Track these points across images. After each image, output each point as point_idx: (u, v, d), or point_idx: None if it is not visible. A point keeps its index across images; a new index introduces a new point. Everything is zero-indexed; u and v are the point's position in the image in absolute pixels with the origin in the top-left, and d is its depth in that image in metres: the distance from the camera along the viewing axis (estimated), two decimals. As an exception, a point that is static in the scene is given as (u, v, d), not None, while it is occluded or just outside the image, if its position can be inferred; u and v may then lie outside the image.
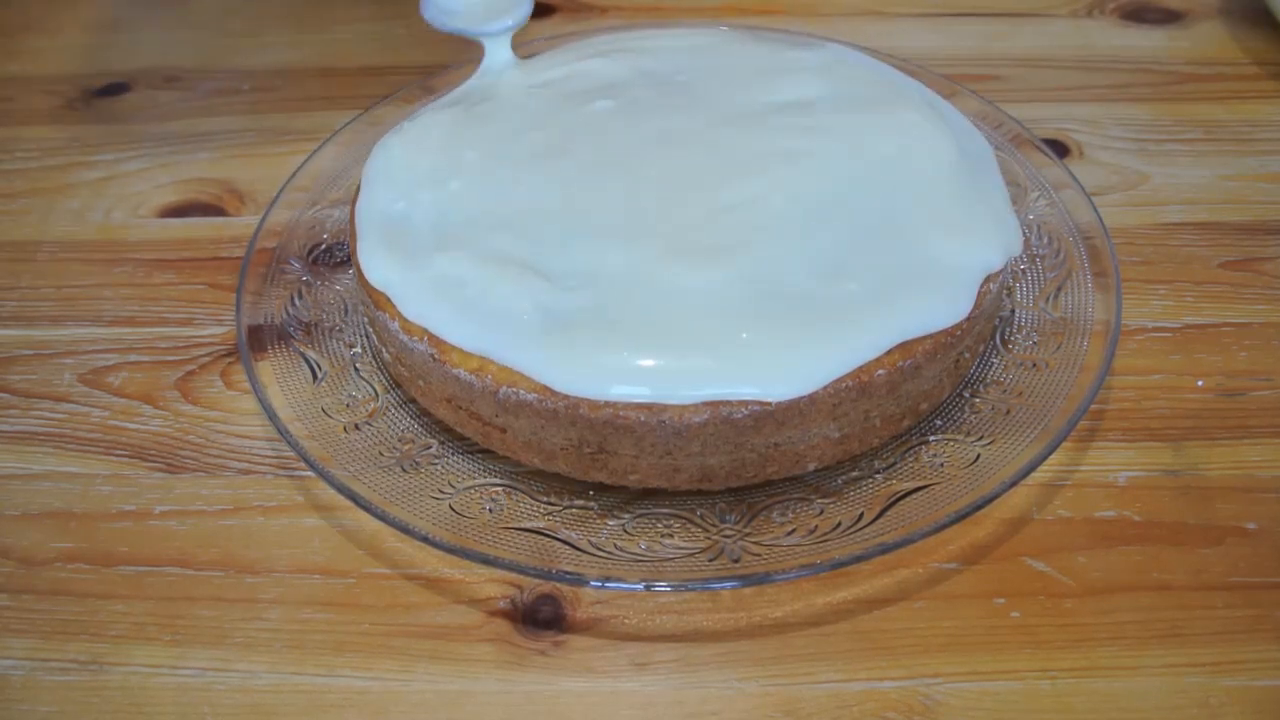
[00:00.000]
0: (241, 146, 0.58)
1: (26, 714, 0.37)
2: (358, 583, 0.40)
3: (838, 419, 0.39)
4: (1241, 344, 0.47)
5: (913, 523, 0.39)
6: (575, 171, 0.44)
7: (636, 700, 0.37)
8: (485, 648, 0.39)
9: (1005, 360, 0.45)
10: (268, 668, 0.38)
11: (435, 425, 0.44)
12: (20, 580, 0.41)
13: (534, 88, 0.49)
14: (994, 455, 0.41)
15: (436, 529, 0.39)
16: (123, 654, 0.39)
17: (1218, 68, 0.61)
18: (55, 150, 0.59)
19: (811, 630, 0.39)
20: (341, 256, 0.50)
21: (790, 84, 0.48)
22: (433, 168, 0.45)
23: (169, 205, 0.56)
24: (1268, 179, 0.54)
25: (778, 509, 0.41)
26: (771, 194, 0.42)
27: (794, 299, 0.39)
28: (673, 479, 0.40)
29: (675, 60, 0.49)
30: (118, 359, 0.48)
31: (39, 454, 0.45)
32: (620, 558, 0.39)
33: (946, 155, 0.44)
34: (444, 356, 0.40)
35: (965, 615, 0.39)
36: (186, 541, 0.42)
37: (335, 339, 0.47)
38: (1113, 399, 0.45)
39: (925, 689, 0.37)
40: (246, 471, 0.44)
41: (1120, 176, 0.55)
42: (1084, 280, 0.47)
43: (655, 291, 0.39)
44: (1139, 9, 0.65)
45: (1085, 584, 0.39)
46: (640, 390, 0.38)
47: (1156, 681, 0.37)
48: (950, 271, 0.41)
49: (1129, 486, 0.42)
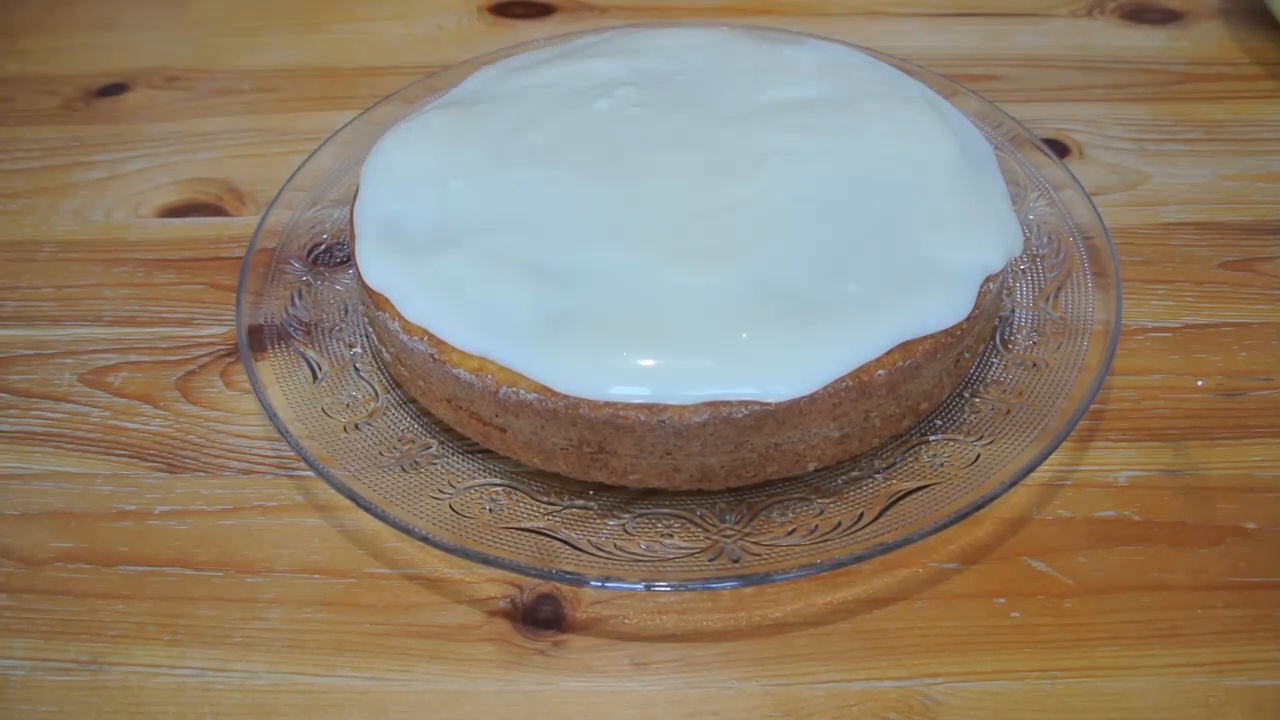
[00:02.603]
0: (241, 146, 0.58)
1: (26, 714, 0.37)
2: (358, 583, 0.40)
3: (838, 419, 0.39)
4: (1241, 344, 0.47)
5: (913, 523, 0.39)
6: (575, 171, 0.44)
7: (636, 700, 0.37)
8: (485, 648, 0.39)
9: (1005, 360, 0.45)
10: (268, 668, 0.38)
11: (435, 425, 0.44)
12: (20, 580, 0.41)
13: (533, 87, 0.49)
14: (994, 455, 0.41)
15: (436, 529, 0.39)
16: (122, 654, 0.39)
17: (1218, 68, 0.61)
18: (55, 150, 0.59)
19: (811, 630, 0.39)
20: (341, 256, 0.50)
21: (790, 84, 0.48)
22: (432, 168, 0.45)
23: (169, 205, 0.56)
24: (1268, 179, 0.54)
25: (778, 509, 0.41)
26: (771, 194, 0.42)
27: (794, 299, 0.39)
28: (673, 479, 0.40)
29: (675, 60, 0.49)
30: (118, 359, 0.48)
31: (39, 454, 0.45)
32: (620, 558, 0.39)
33: (947, 155, 0.44)
34: (444, 356, 0.40)
35: (965, 615, 0.39)
36: (186, 541, 0.42)
37: (335, 339, 0.47)
38: (1113, 399, 0.45)
39: (925, 689, 0.37)
40: (246, 471, 0.44)
41: (1120, 176, 0.55)
42: (1084, 280, 0.47)
43: (655, 291, 0.39)
44: (1139, 9, 0.65)
45: (1085, 584, 0.39)
46: (640, 390, 0.38)
47: (1156, 681, 0.37)
48: (950, 272, 0.41)
49: (1129, 486, 0.42)
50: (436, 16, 0.67)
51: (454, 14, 0.67)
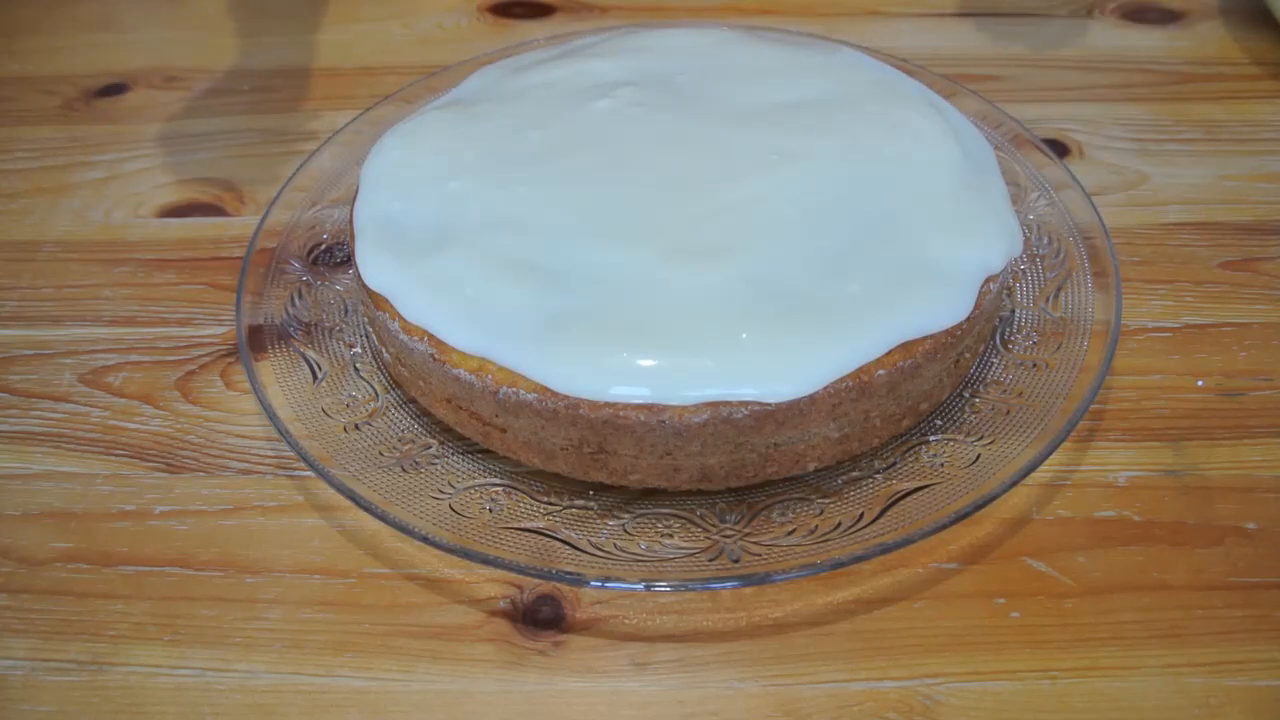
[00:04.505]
0: (241, 146, 0.58)
1: (26, 714, 0.37)
2: (358, 583, 0.40)
3: (838, 419, 0.39)
4: (1241, 344, 0.47)
5: (913, 523, 0.39)
6: (575, 171, 0.44)
7: (636, 700, 0.37)
8: (485, 648, 0.39)
9: (1005, 360, 0.45)
10: (268, 668, 0.38)
11: (435, 425, 0.44)
12: (20, 580, 0.41)
13: (533, 87, 0.49)
14: (994, 455, 0.41)
15: (436, 529, 0.39)
16: (122, 654, 0.39)
17: (1218, 68, 0.61)
18: (55, 150, 0.59)
19: (811, 630, 0.39)
20: (341, 256, 0.50)
21: (791, 84, 0.48)
22: (432, 168, 0.45)
23: (169, 205, 0.56)
24: (1268, 179, 0.54)
25: (778, 509, 0.41)
26: (771, 194, 0.42)
27: (794, 299, 0.39)
28: (673, 479, 0.40)
29: (675, 60, 0.49)
30: (118, 359, 0.48)
31: (39, 454, 0.45)
32: (620, 558, 0.39)
33: (947, 155, 0.44)
34: (444, 356, 0.40)
35: (965, 615, 0.39)
36: (186, 541, 0.42)
37: (335, 339, 0.47)
38: (1113, 399, 0.45)
39: (925, 689, 0.37)
40: (246, 471, 0.44)
41: (1120, 176, 0.55)
42: (1084, 280, 0.47)
43: (655, 291, 0.39)
44: (1139, 9, 0.65)
45: (1085, 584, 0.39)
46: (640, 390, 0.38)
47: (1156, 681, 0.37)
48: (950, 272, 0.41)
49: (1129, 486, 0.42)
50: (436, 16, 0.67)
51: (454, 14, 0.67)
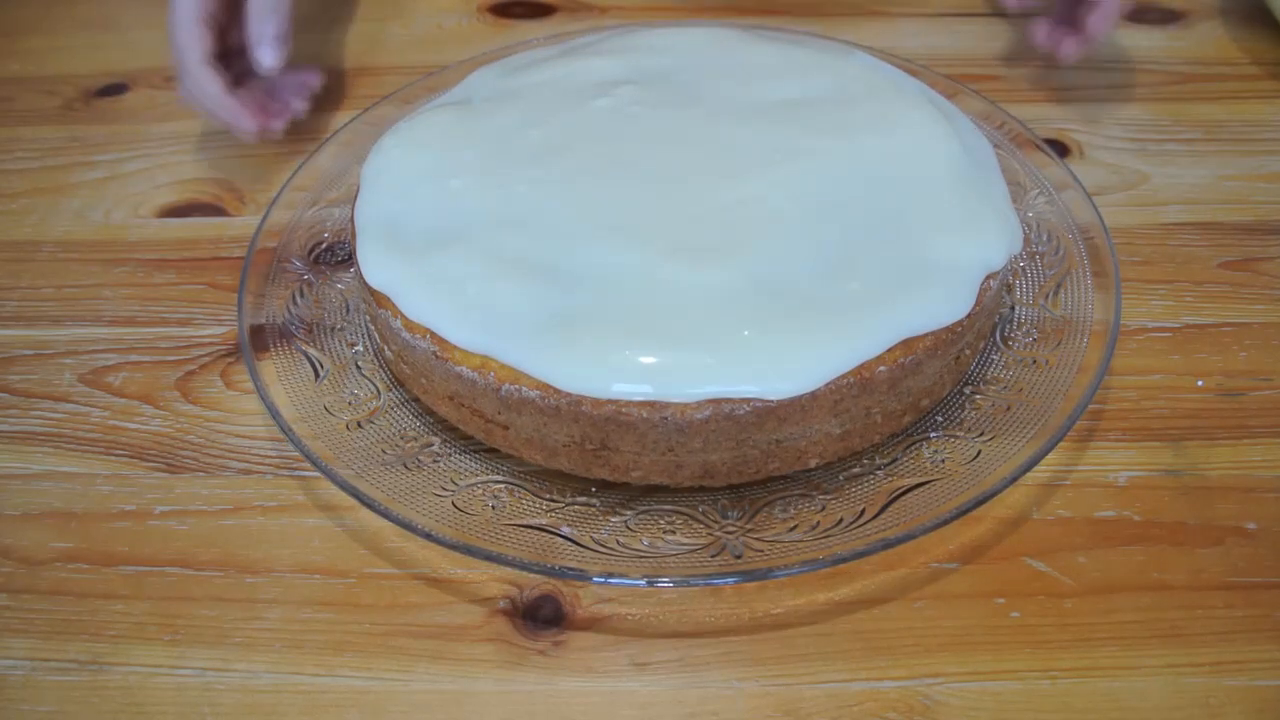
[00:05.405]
0: (241, 146, 0.58)
1: (26, 714, 0.37)
2: (358, 582, 0.40)
3: (839, 415, 0.39)
4: (1241, 344, 0.47)
5: (914, 518, 0.39)
6: (576, 169, 0.44)
7: (636, 700, 0.37)
8: (485, 647, 0.39)
9: (1005, 357, 0.45)
10: (268, 668, 0.38)
11: (437, 423, 0.44)
12: (20, 580, 0.41)
13: (534, 86, 0.49)
14: (994, 451, 0.41)
15: (439, 526, 0.39)
16: (122, 654, 0.39)
17: (1218, 68, 0.61)
18: (55, 150, 0.59)
19: (812, 630, 0.39)
20: (343, 255, 0.50)
21: (791, 82, 0.48)
22: (433, 166, 0.45)
23: (169, 205, 0.55)
24: (1268, 179, 0.54)
25: (779, 505, 0.41)
26: (773, 192, 0.42)
27: (796, 296, 0.39)
28: (675, 475, 0.40)
29: (676, 59, 0.49)
30: (118, 359, 0.48)
31: (39, 454, 0.45)
32: (623, 554, 0.39)
33: (948, 154, 0.44)
34: (446, 354, 0.40)
35: (965, 615, 0.39)
36: (186, 541, 0.42)
37: (337, 337, 0.47)
38: (1113, 398, 0.45)
39: (925, 689, 0.37)
40: (246, 471, 0.44)
41: (1120, 176, 0.55)
42: (1084, 279, 0.47)
43: (657, 289, 0.39)
44: (1139, 9, 0.65)
45: (1085, 584, 0.39)
46: (642, 388, 0.38)
47: (1156, 681, 0.37)
48: (951, 269, 0.41)
49: (1129, 486, 0.42)
50: (436, 16, 0.67)
51: (454, 14, 0.67)
